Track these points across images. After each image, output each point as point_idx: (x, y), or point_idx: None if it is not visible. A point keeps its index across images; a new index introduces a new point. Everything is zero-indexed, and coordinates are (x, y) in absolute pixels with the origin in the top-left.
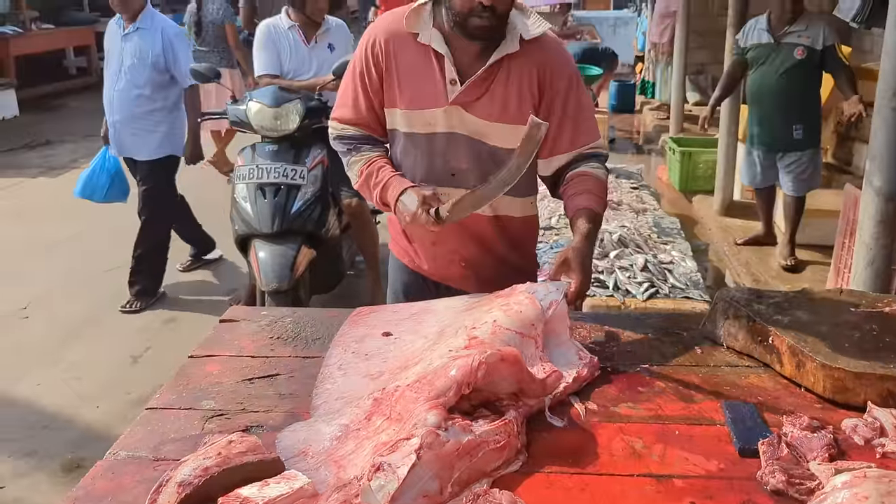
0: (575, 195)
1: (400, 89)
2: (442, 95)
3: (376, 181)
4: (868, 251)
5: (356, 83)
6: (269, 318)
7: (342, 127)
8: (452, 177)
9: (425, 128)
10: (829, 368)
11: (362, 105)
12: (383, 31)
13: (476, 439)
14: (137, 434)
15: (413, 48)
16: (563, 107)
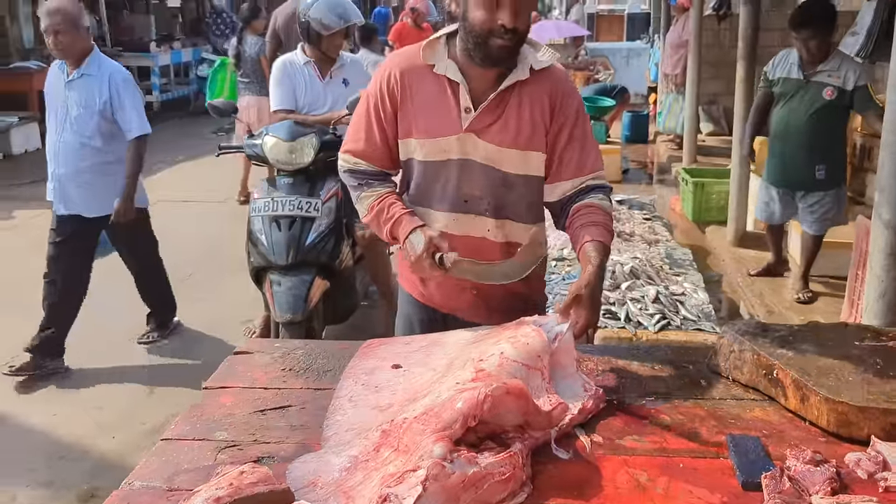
0: (582, 227)
1: (415, 119)
2: (456, 123)
3: (387, 217)
4: (879, 283)
5: (370, 116)
6: (282, 350)
7: (354, 161)
8: (465, 203)
9: (440, 155)
10: (833, 402)
11: (376, 138)
12: (398, 64)
13: (481, 471)
14: (152, 464)
15: (428, 79)
16: (570, 134)
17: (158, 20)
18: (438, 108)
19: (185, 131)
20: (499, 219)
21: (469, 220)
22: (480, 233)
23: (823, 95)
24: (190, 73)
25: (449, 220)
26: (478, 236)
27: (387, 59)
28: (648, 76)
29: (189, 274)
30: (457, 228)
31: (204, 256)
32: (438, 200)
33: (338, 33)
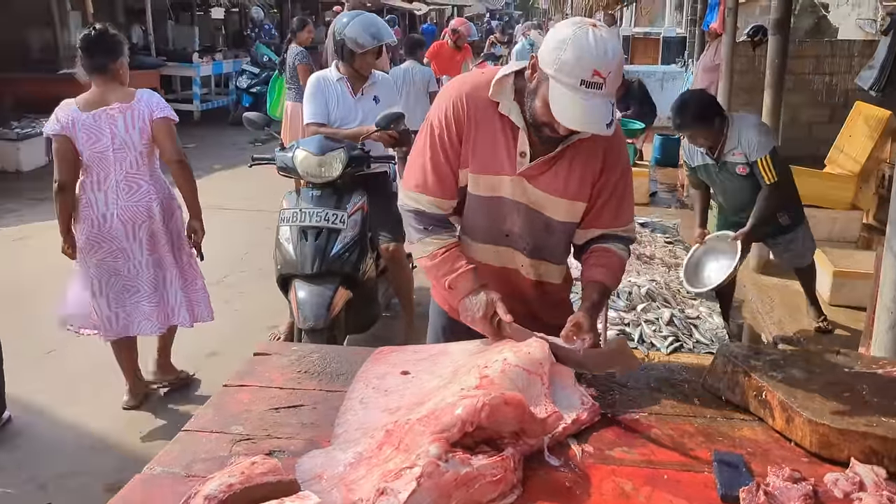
0: (594, 266)
1: (473, 152)
2: (511, 165)
3: (451, 268)
4: (889, 315)
5: (436, 146)
6: (299, 353)
7: (424, 200)
8: (507, 237)
9: (489, 191)
10: (815, 424)
11: (444, 169)
12: (465, 93)
13: (473, 471)
14: (173, 452)
15: (491, 115)
16: (613, 189)
17: (202, 31)
18: (496, 147)
19: (223, 141)
20: (535, 259)
21: (508, 253)
22: (515, 266)
23: (738, 173)
24: (230, 83)
25: (489, 252)
26: (513, 269)
27: (451, 85)
28: None
29: (224, 276)
30: (495, 260)
31: (237, 261)
32: (480, 231)
33: (370, 52)
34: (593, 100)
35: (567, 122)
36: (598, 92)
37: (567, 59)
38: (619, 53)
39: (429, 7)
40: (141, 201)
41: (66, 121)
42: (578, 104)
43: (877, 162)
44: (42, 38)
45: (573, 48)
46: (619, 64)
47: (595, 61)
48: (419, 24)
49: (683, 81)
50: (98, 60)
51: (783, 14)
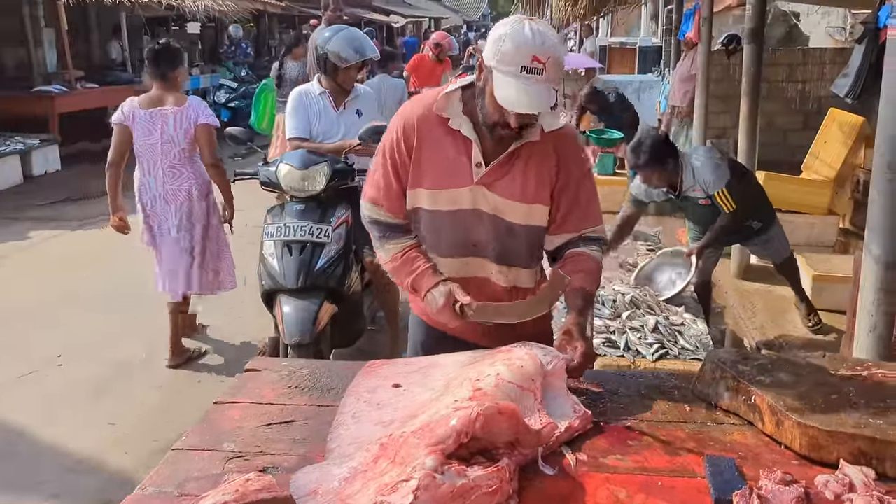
0: (572, 272)
1: (427, 170)
2: (467, 176)
3: (410, 269)
4: (870, 318)
5: (387, 163)
6: (289, 368)
7: (377, 211)
8: (474, 247)
9: (450, 205)
10: (805, 427)
11: (393, 185)
12: (414, 112)
13: (469, 483)
14: (164, 472)
15: (441, 131)
16: (575, 192)
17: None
18: (450, 161)
19: None
20: (502, 264)
21: (477, 263)
22: (486, 275)
23: (701, 204)
24: (208, 98)
25: (458, 265)
26: (483, 277)
27: (404, 107)
28: (659, 109)
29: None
30: (465, 272)
31: None
32: (447, 247)
33: (353, 66)
34: (535, 85)
35: (511, 106)
36: (539, 77)
37: (507, 49)
38: (557, 43)
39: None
40: (182, 185)
41: (128, 113)
42: (521, 89)
43: (851, 167)
44: (16, 56)
45: (511, 39)
46: (557, 52)
47: (533, 49)
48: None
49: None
50: (160, 69)
51: (757, 23)
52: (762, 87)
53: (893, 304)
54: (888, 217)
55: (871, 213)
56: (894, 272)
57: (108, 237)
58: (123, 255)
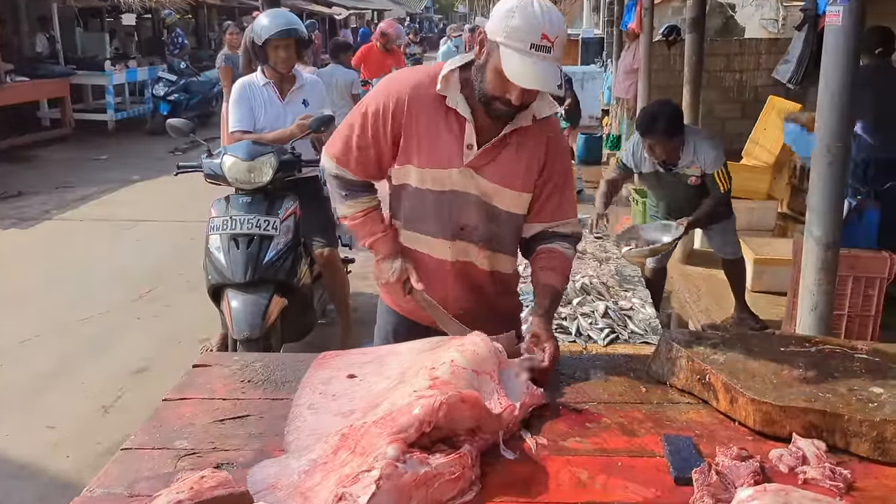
0: (544, 269)
1: (418, 148)
2: (458, 157)
3: (371, 230)
4: (811, 297)
5: (366, 132)
6: (241, 362)
7: (342, 170)
8: (461, 230)
9: (437, 185)
10: (758, 403)
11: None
12: (408, 89)
13: (432, 471)
14: (113, 472)
15: (434, 109)
16: (555, 183)
17: (113, 38)
18: (442, 141)
19: (141, 151)
20: (488, 249)
21: (462, 246)
22: (470, 259)
23: (689, 183)
24: (146, 91)
25: (444, 247)
26: (468, 261)
27: (396, 78)
28: (602, 99)
29: (147, 290)
30: (450, 254)
31: (162, 274)
32: (433, 226)
33: (281, 46)
34: (543, 62)
35: (521, 82)
36: (548, 55)
37: (516, 24)
38: (563, 22)
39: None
40: None
41: None
42: (530, 65)
43: (789, 153)
44: None
45: (521, 15)
46: (564, 31)
47: (543, 26)
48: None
49: (603, 81)
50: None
51: (698, 13)
52: (702, 77)
53: (833, 283)
54: (828, 199)
55: (811, 196)
56: (834, 252)
57: (43, 237)
58: (60, 255)
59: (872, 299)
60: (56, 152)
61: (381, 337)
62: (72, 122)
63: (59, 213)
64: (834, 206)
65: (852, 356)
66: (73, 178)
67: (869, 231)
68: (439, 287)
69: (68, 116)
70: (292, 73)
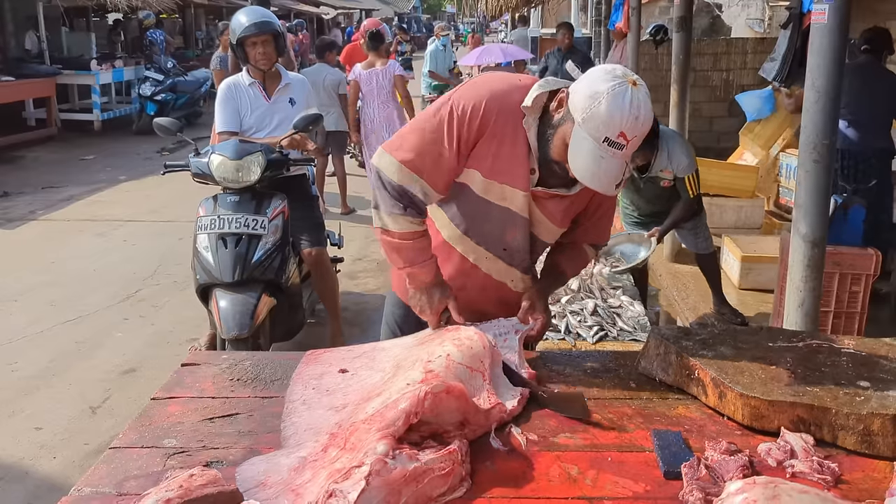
0: (559, 254)
1: (489, 156)
2: (524, 179)
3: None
4: (798, 293)
5: (450, 137)
6: (230, 361)
7: (414, 179)
8: (504, 251)
9: (499, 200)
10: (747, 397)
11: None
12: (500, 97)
13: (422, 466)
14: (101, 471)
15: (515, 124)
16: (594, 211)
17: (99, 38)
18: (514, 158)
19: (128, 151)
20: (526, 274)
21: (502, 267)
22: (506, 279)
23: (662, 186)
24: (132, 91)
25: (482, 257)
26: (502, 281)
27: (486, 82)
28: None
29: (136, 290)
30: (485, 266)
31: (149, 275)
32: (480, 235)
33: (258, 42)
34: (611, 160)
35: (579, 175)
36: (618, 153)
37: (598, 112)
38: (649, 119)
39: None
40: (387, 112)
41: (356, 74)
42: (596, 160)
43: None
44: None
45: (608, 104)
46: (646, 130)
47: (625, 123)
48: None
49: None
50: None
51: (686, 12)
52: (689, 76)
53: (820, 279)
54: (814, 196)
55: (798, 193)
56: (820, 249)
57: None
58: (46, 256)
59: (858, 296)
60: (42, 153)
61: (389, 329)
62: (58, 122)
63: (46, 214)
64: (820, 203)
65: (839, 351)
66: (59, 179)
67: (855, 228)
68: (466, 289)
69: (54, 116)
70: (277, 71)
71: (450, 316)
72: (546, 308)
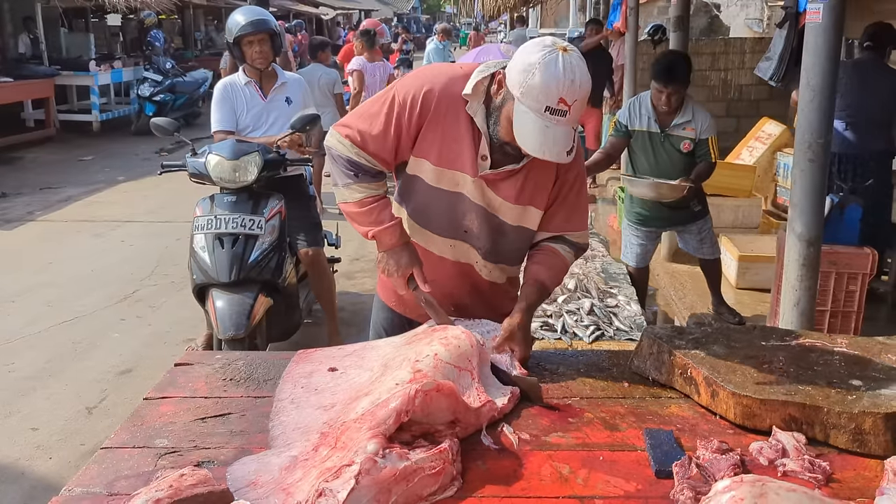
0: (537, 264)
1: (435, 145)
2: (472, 165)
3: (377, 219)
4: (794, 293)
5: (390, 118)
6: (223, 361)
7: (357, 152)
8: (465, 233)
9: (451, 186)
10: (739, 396)
11: (389, 140)
12: (440, 85)
13: (412, 465)
14: (92, 471)
15: (458, 111)
16: (565, 194)
17: (98, 39)
18: (459, 144)
19: (126, 152)
20: (490, 261)
21: (465, 248)
22: (470, 262)
23: (681, 148)
24: (131, 92)
25: (445, 246)
26: (468, 263)
27: (429, 71)
28: None
29: (133, 291)
30: (451, 254)
31: (146, 275)
32: (438, 224)
33: (254, 41)
34: (556, 127)
35: (528, 148)
36: (562, 119)
37: (534, 83)
38: (586, 80)
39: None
40: None
41: (361, 65)
42: (541, 130)
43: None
44: None
45: (542, 73)
46: (585, 93)
47: (562, 89)
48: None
49: None
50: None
51: (683, 11)
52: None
53: (815, 278)
54: (809, 195)
55: (793, 193)
56: (816, 248)
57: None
58: (44, 256)
59: (855, 295)
60: (40, 153)
61: (375, 332)
62: (56, 123)
63: (43, 215)
64: (815, 202)
65: (832, 349)
66: (57, 179)
67: (851, 228)
68: (438, 282)
69: (53, 117)
70: (273, 70)
71: (417, 285)
72: (525, 339)
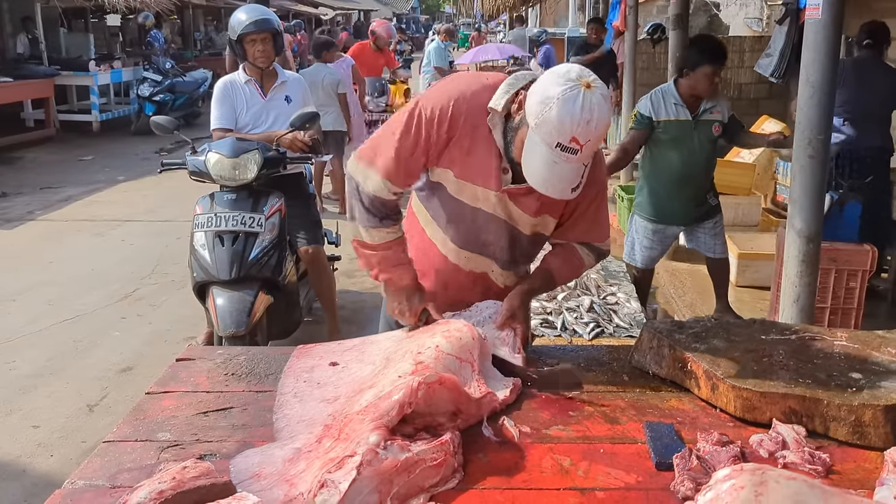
0: (552, 255)
1: (460, 159)
2: (495, 179)
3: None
4: (794, 289)
5: (418, 139)
6: (225, 356)
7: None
8: (484, 246)
9: (472, 201)
10: (739, 389)
11: (414, 162)
12: (469, 96)
13: (413, 457)
14: (94, 464)
15: (481, 122)
16: (585, 208)
17: (97, 39)
18: (485, 158)
19: (126, 151)
20: (506, 270)
21: (480, 259)
22: (486, 271)
23: (713, 132)
24: (131, 92)
25: (460, 255)
26: (483, 272)
27: (456, 82)
28: None
29: (134, 290)
30: (466, 263)
31: (147, 274)
32: (457, 235)
33: (258, 40)
34: (565, 164)
35: (532, 181)
36: (573, 157)
37: (550, 117)
38: (603, 122)
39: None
40: None
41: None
42: (548, 165)
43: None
44: None
45: (559, 109)
46: (600, 134)
47: (576, 128)
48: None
49: None
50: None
51: (682, 9)
52: None
53: (815, 275)
54: (809, 191)
55: (793, 189)
56: (816, 244)
57: (27, 237)
58: (44, 256)
59: (854, 292)
60: (40, 153)
61: (387, 323)
62: (56, 123)
63: (44, 214)
64: (815, 198)
65: (832, 343)
66: (57, 179)
67: (851, 224)
68: (451, 289)
69: (52, 117)
70: (273, 69)
71: (429, 315)
72: (527, 317)
